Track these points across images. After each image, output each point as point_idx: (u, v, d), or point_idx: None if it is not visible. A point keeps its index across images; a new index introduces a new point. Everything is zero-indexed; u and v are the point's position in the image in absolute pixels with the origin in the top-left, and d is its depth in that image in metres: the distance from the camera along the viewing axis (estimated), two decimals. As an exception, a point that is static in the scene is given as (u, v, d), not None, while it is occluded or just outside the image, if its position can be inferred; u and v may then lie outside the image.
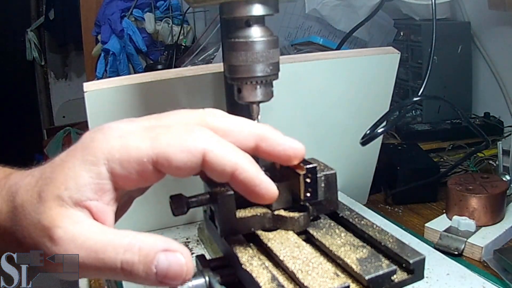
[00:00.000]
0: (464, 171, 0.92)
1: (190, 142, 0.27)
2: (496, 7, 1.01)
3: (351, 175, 0.77)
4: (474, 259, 0.66)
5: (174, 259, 0.26)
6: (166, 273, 0.25)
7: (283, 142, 0.30)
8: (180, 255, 0.26)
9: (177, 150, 0.27)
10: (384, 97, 0.76)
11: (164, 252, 0.26)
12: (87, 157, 0.27)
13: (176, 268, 0.25)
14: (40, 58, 2.74)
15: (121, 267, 0.25)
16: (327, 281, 0.33)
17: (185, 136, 0.27)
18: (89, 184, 0.26)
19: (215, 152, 0.27)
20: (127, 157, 0.26)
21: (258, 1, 0.41)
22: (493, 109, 1.10)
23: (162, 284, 0.26)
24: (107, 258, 0.25)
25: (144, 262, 0.25)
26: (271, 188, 0.29)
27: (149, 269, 0.25)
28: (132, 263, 0.25)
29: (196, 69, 0.65)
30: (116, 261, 0.25)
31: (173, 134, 0.27)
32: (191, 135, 0.27)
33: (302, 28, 1.21)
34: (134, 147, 0.27)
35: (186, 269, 0.26)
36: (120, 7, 1.61)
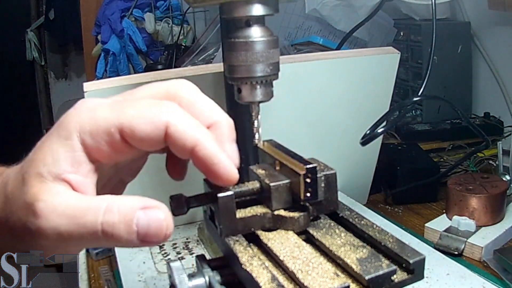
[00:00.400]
0: (464, 171, 0.92)
1: (154, 114, 0.27)
2: (496, 7, 1.01)
3: (351, 175, 0.77)
4: (474, 259, 0.66)
5: (154, 215, 0.26)
6: (147, 230, 0.25)
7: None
8: (159, 210, 0.26)
9: (141, 121, 0.27)
10: (384, 97, 0.76)
11: (143, 209, 0.26)
12: (61, 132, 0.27)
13: (156, 224, 0.26)
14: (40, 58, 2.74)
15: (102, 229, 0.25)
16: (327, 281, 0.33)
17: (150, 109, 0.28)
18: (65, 158, 0.27)
19: (178, 126, 0.27)
20: (96, 128, 0.27)
21: (258, 1, 0.41)
22: (493, 109, 1.10)
23: (143, 243, 0.26)
24: (88, 222, 0.25)
25: (124, 221, 0.25)
26: (230, 169, 0.29)
27: (130, 227, 0.25)
28: (113, 223, 0.25)
29: (196, 69, 0.65)
30: (97, 223, 0.25)
31: (139, 107, 0.28)
32: (156, 108, 0.28)
33: (302, 28, 1.21)
34: (102, 117, 0.27)
35: (166, 224, 0.26)
36: (120, 7, 1.61)
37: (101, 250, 0.75)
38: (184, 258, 0.65)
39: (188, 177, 0.72)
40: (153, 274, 0.61)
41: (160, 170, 0.73)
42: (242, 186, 0.42)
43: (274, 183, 0.40)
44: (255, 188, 0.42)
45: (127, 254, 0.67)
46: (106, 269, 0.70)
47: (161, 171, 0.72)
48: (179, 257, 0.65)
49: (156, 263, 0.64)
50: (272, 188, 0.40)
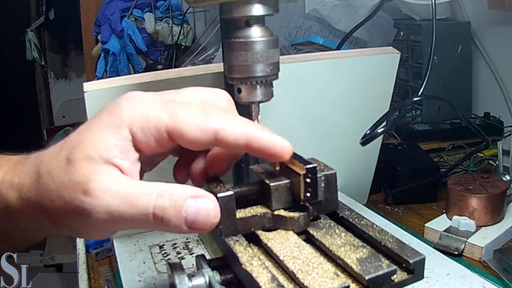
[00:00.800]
0: (464, 171, 0.92)
1: (203, 121, 0.29)
2: (496, 7, 1.01)
3: (351, 175, 0.77)
4: (474, 259, 0.66)
5: (203, 203, 0.27)
6: (195, 217, 0.27)
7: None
8: (208, 200, 0.28)
9: (191, 127, 0.29)
10: (384, 97, 0.76)
11: (193, 198, 0.27)
12: (113, 121, 0.29)
13: (205, 212, 0.27)
14: (40, 58, 2.74)
15: (153, 213, 0.27)
16: (327, 281, 0.33)
17: (199, 116, 0.29)
18: (115, 145, 0.29)
19: (227, 129, 0.29)
20: (147, 124, 0.29)
21: (258, 1, 0.41)
22: (493, 109, 1.10)
23: (191, 230, 0.27)
24: (140, 204, 0.27)
25: (175, 207, 0.27)
26: (284, 146, 0.31)
27: (179, 213, 0.27)
28: (164, 207, 0.27)
29: (196, 69, 0.65)
30: (149, 206, 0.27)
31: (190, 112, 0.29)
32: (205, 115, 0.30)
33: (302, 28, 1.21)
34: (154, 115, 0.29)
35: (214, 213, 0.28)
36: (120, 7, 1.61)
37: (101, 250, 0.75)
38: (184, 258, 0.65)
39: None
40: (153, 274, 0.61)
41: (160, 170, 0.73)
42: (242, 186, 0.42)
43: (274, 183, 0.40)
44: (255, 188, 0.42)
45: (127, 254, 0.67)
46: (106, 269, 0.70)
47: (161, 171, 0.72)
48: (179, 257, 0.65)
49: (156, 263, 0.64)
50: (272, 188, 0.40)
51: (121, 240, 0.70)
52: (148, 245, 0.69)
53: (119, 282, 0.64)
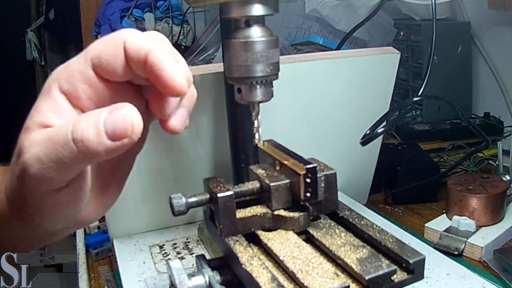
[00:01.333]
0: (464, 171, 0.92)
1: (113, 36, 0.29)
2: (496, 7, 1.00)
3: (351, 175, 0.77)
4: (474, 259, 0.66)
5: (118, 112, 0.26)
6: (114, 127, 0.26)
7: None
8: (123, 108, 0.26)
9: (104, 46, 0.29)
10: (384, 97, 0.76)
11: (110, 111, 0.26)
12: (43, 91, 0.29)
13: (122, 119, 0.26)
14: (40, 58, 2.74)
15: (73, 138, 0.26)
16: (327, 281, 0.33)
17: (110, 37, 0.30)
18: (47, 108, 0.29)
19: (133, 39, 0.28)
20: (70, 72, 0.29)
21: (258, 1, 0.41)
22: (493, 109, 1.10)
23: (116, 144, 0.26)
24: (60, 136, 0.26)
25: (92, 125, 0.26)
26: (176, 76, 0.28)
27: (97, 129, 0.26)
28: (81, 129, 0.26)
29: (196, 69, 0.65)
30: (67, 134, 0.26)
31: (101, 41, 0.30)
32: (115, 34, 0.30)
33: (302, 28, 1.21)
34: (74, 62, 0.29)
35: (131, 117, 0.26)
36: (120, 7, 1.61)
37: (101, 250, 0.75)
38: (184, 258, 0.65)
39: (188, 177, 0.72)
40: (153, 274, 0.61)
41: (160, 170, 0.73)
42: (242, 186, 0.42)
43: (274, 183, 0.40)
44: (255, 188, 0.42)
45: (127, 254, 0.67)
46: (106, 269, 0.70)
47: (161, 171, 0.73)
48: (179, 257, 0.65)
49: (156, 263, 0.64)
50: (272, 188, 0.40)
51: (121, 240, 0.70)
52: (148, 245, 0.69)
53: (119, 282, 0.64)
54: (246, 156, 0.59)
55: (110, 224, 0.70)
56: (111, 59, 0.28)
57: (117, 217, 0.70)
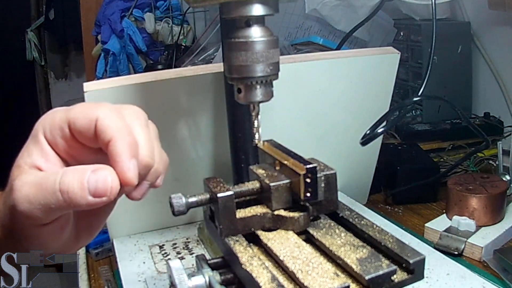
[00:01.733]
0: (464, 171, 0.92)
1: (90, 110, 0.33)
2: (496, 7, 1.00)
3: (351, 175, 0.77)
4: (474, 259, 0.66)
5: (101, 174, 0.30)
6: (96, 186, 0.30)
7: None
8: (105, 171, 0.31)
9: (80, 116, 0.32)
10: (384, 97, 0.76)
11: (93, 171, 0.31)
12: (33, 134, 0.34)
13: (103, 181, 0.30)
14: (40, 58, 2.74)
15: (60, 188, 0.30)
16: (327, 281, 0.33)
17: (89, 107, 0.33)
18: (35, 151, 0.33)
19: (104, 120, 0.32)
20: (53, 124, 0.33)
21: (258, 1, 0.41)
22: (493, 109, 1.10)
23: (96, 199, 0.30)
24: (49, 184, 0.30)
25: (78, 180, 0.30)
26: (126, 171, 0.31)
27: (82, 184, 0.30)
28: (68, 182, 0.30)
29: (196, 69, 0.65)
30: (55, 183, 0.30)
31: (83, 107, 0.33)
32: (93, 106, 0.33)
33: (302, 28, 1.21)
34: (58, 117, 0.33)
35: (111, 180, 0.30)
36: (120, 7, 1.61)
37: (101, 250, 0.75)
38: (184, 258, 0.65)
39: (188, 177, 0.72)
40: (153, 274, 0.61)
41: (160, 170, 0.73)
42: (242, 186, 0.42)
43: (274, 183, 0.40)
44: (255, 188, 0.42)
45: (127, 254, 0.67)
46: (106, 269, 0.70)
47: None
48: (179, 257, 0.65)
49: (156, 263, 0.64)
50: (272, 188, 0.40)
51: (121, 240, 0.70)
52: (148, 245, 0.69)
53: (119, 282, 0.64)
54: (246, 156, 0.59)
55: (110, 224, 0.70)
56: (83, 130, 0.32)
57: (117, 217, 0.70)
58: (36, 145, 0.33)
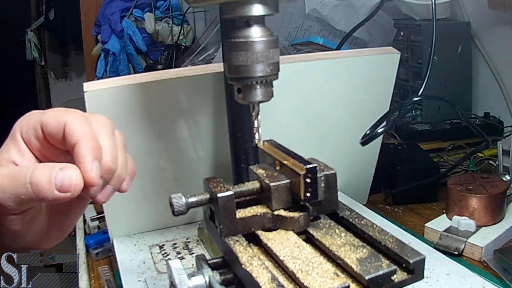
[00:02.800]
0: (464, 171, 0.91)
1: (60, 115, 0.36)
2: (496, 7, 1.01)
3: (351, 175, 0.77)
4: (474, 259, 0.66)
5: (67, 171, 0.33)
6: (62, 182, 0.33)
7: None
8: (72, 169, 0.34)
9: (51, 119, 0.36)
10: (384, 97, 0.76)
11: (61, 168, 0.33)
12: (12, 133, 0.37)
13: (69, 178, 0.33)
14: (40, 58, 2.74)
15: (30, 181, 0.33)
16: (327, 281, 0.33)
17: (60, 111, 0.36)
18: (13, 148, 0.37)
19: (72, 125, 0.35)
20: (28, 124, 0.36)
21: (258, 1, 0.41)
22: (493, 109, 1.10)
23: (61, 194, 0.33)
24: (21, 176, 0.33)
25: (47, 175, 0.33)
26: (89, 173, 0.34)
27: (50, 179, 0.33)
28: (38, 176, 0.33)
29: (196, 69, 0.65)
30: (27, 176, 0.33)
31: (55, 112, 0.36)
32: (65, 111, 0.36)
33: (302, 28, 1.21)
34: (33, 118, 0.37)
35: (76, 178, 0.33)
36: (120, 7, 1.61)
37: (101, 250, 0.75)
38: (184, 258, 0.65)
39: (188, 177, 0.72)
40: (153, 274, 0.61)
41: (160, 170, 0.73)
42: (242, 186, 0.42)
43: (274, 183, 0.40)
44: (255, 188, 0.42)
45: (127, 254, 0.67)
46: (106, 269, 0.70)
47: (161, 171, 0.73)
48: (179, 257, 0.65)
49: (156, 263, 0.64)
50: (272, 188, 0.40)
51: (121, 240, 0.70)
52: (148, 245, 0.69)
53: (119, 282, 0.64)
54: (246, 156, 0.59)
55: (110, 224, 0.70)
56: (53, 133, 0.35)
57: (117, 217, 0.70)
58: (14, 143, 0.37)
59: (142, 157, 0.65)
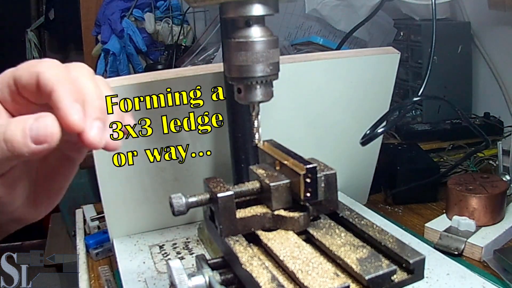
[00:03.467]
0: (464, 171, 0.92)
1: (33, 66, 0.33)
2: (496, 7, 1.01)
3: (351, 175, 0.77)
4: (474, 259, 0.66)
5: (42, 120, 0.31)
6: (37, 132, 0.30)
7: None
8: (47, 117, 0.31)
9: (24, 72, 0.33)
10: (384, 97, 0.76)
11: (35, 118, 0.31)
12: None
13: (44, 127, 0.31)
14: (40, 58, 2.74)
15: (4, 138, 0.31)
16: (327, 281, 0.33)
17: (33, 64, 0.34)
18: None
19: (45, 73, 0.32)
20: (3, 81, 0.34)
21: (258, 1, 0.41)
22: (493, 109, 1.10)
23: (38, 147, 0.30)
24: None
25: (20, 128, 0.31)
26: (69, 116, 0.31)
27: (24, 132, 0.30)
28: (11, 130, 0.31)
29: (196, 69, 0.65)
30: (0, 134, 0.31)
31: (28, 64, 0.34)
32: (37, 63, 0.34)
33: (302, 28, 1.21)
34: (7, 74, 0.34)
35: (51, 126, 0.31)
36: (120, 7, 1.61)
37: (101, 250, 0.75)
38: (184, 258, 0.65)
39: (188, 177, 0.72)
40: (153, 274, 0.61)
41: (160, 170, 0.73)
42: (242, 186, 0.42)
43: (274, 183, 0.40)
44: (255, 188, 0.42)
45: (127, 254, 0.67)
46: (106, 269, 0.70)
47: (161, 171, 0.73)
48: (179, 257, 0.65)
49: (156, 263, 0.64)
50: (272, 188, 0.40)
51: (121, 240, 0.70)
52: (148, 245, 0.69)
53: (119, 282, 0.64)
54: (246, 156, 0.59)
55: (110, 224, 0.70)
56: (27, 85, 0.33)
57: (117, 217, 0.70)
58: None
59: (142, 157, 0.65)
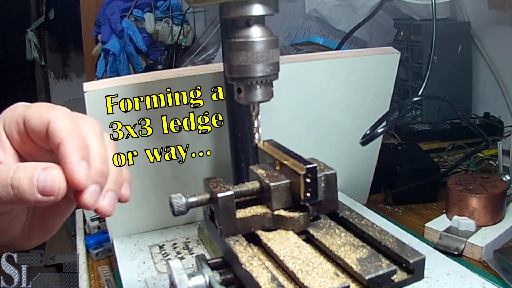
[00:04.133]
0: (464, 171, 0.92)
1: (45, 112, 0.33)
2: (496, 7, 1.01)
3: (351, 175, 0.77)
4: (474, 259, 0.66)
5: (50, 173, 0.31)
6: (44, 184, 0.30)
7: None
8: (55, 170, 0.31)
9: (35, 115, 0.33)
10: (384, 97, 0.76)
11: (43, 169, 0.31)
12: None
13: (51, 179, 0.31)
14: (40, 58, 2.74)
15: (11, 183, 0.31)
16: (327, 281, 0.33)
17: (45, 109, 0.33)
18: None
19: (56, 123, 0.32)
20: (11, 118, 0.34)
21: (258, 1, 0.41)
22: (493, 109, 1.10)
23: (44, 198, 0.31)
24: (2, 177, 0.31)
25: (28, 177, 0.31)
26: (76, 174, 0.31)
27: (31, 181, 0.30)
28: (19, 178, 0.31)
29: (196, 69, 0.65)
30: (8, 178, 0.31)
31: (41, 106, 0.34)
32: (49, 108, 0.34)
33: (302, 28, 1.21)
34: (17, 112, 0.34)
35: (59, 180, 0.31)
36: (120, 7, 1.61)
37: (101, 250, 0.75)
38: (184, 258, 0.65)
39: (188, 177, 0.72)
40: (153, 274, 0.61)
41: (160, 170, 0.73)
42: (242, 186, 0.42)
43: (274, 183, 0.40)
44: (255, 188, 0.42)
45: (127, 254, 0.67)
46: (106, 269, 0.70)
47: (161, 171, 0.73)
48: (179, 257, 0.65)
49: (156, 263, 0.64)
50: (272, 188, 0.40)
51: (121, 240, 0.70)
52: (148, 245, 0.69)
53: (119, 282, 0.64)
54: (246, 156, 0.59)
55: (110, 224, 0.70)
56: (36, 130, 0.33)
57: (117, 217, 0.69)
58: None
59: (142, 157, 0.65)
